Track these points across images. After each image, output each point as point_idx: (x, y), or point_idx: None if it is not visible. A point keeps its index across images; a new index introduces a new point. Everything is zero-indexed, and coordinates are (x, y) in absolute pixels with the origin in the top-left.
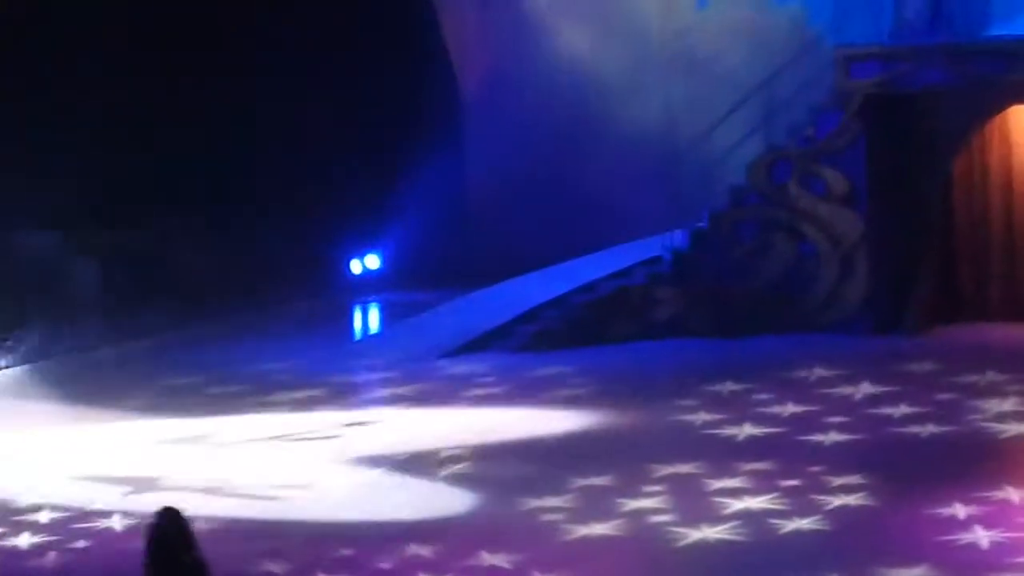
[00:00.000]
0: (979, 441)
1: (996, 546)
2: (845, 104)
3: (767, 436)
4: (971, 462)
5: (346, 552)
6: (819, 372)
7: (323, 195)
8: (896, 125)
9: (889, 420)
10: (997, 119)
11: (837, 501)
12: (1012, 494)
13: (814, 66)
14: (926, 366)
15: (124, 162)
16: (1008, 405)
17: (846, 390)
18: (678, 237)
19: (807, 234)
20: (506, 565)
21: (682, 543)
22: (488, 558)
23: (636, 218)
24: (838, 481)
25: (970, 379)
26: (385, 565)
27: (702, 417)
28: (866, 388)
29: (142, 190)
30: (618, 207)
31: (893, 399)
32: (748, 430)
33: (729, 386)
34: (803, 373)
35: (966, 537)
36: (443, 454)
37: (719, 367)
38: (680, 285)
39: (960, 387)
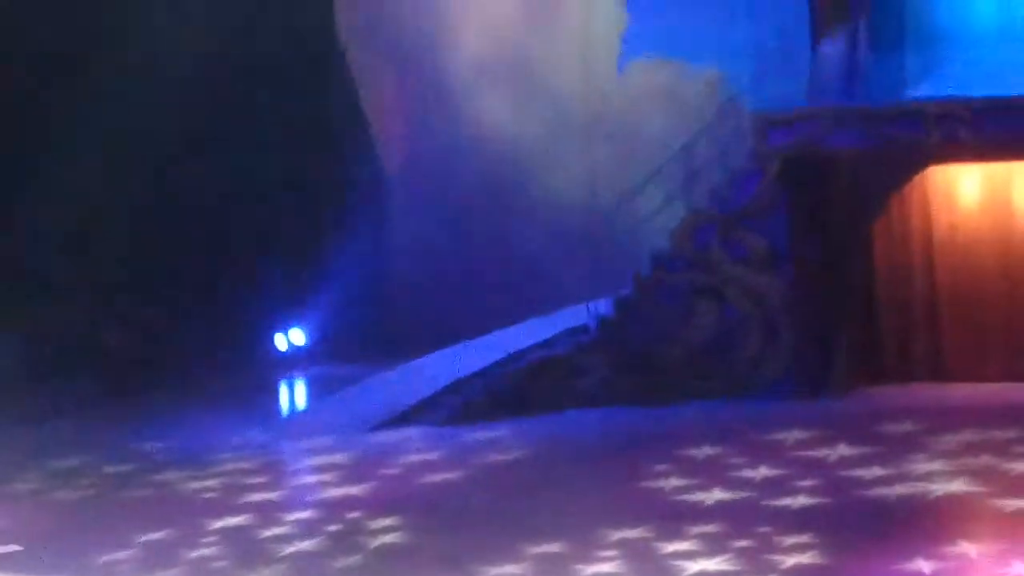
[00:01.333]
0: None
1: None
2: (764, 168)
3: (721, 499)
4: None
5: None
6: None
7: (245, 271)
8: (816, 187)
9: (831, 481)
10: (916, 178)
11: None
12: (968, 549)
13: (733, 129)
14: (855, 427)
15: (45, 237)
16: (937, 464)
17: (784, 452)
18: (603, 304)
19: (731, 298)
20: None
21: None
22: None
23: (561, 286)
24: (790, 541)
25: (896, 437)
26: None
27: (645, 480)
28: (798, 450)
29: (65, 268)
30: (542, 275)
31: (827, 462)
32: (700, 492)
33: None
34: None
35: None
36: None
37: (648, 433)
38: (606, 353)
39: (890, 446)
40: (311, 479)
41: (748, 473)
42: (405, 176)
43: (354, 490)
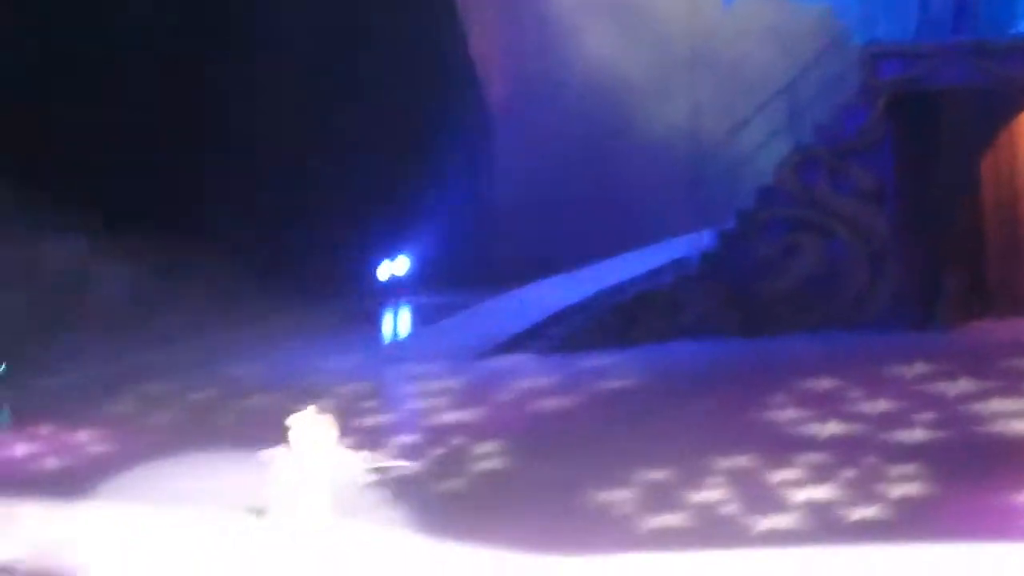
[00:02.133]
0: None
1: None
2: (872, 102)
3: (835, 433)
4: None
5: None
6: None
7: (353, 201)
8: (923, 122)
9: (950, 415)
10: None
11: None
12: None
13: (840, 65)
14: (976, 361)
15: (158, 165)
16: None
17: (904, 386)
18: (706, 238)
19: (836, 232)
20: None
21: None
22: None
23: (664, 219)
24: (899, 471)
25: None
26: None
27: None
28: (918, 384)
29: (176, 195)
30: (645, 209)
31: (948, 396)
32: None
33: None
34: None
35: None
36: None
37: (758, 365)
38: (709, 285)
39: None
40: (417, 404)
41: (865, 407)
42: (511, 112)
43: (461, 415)
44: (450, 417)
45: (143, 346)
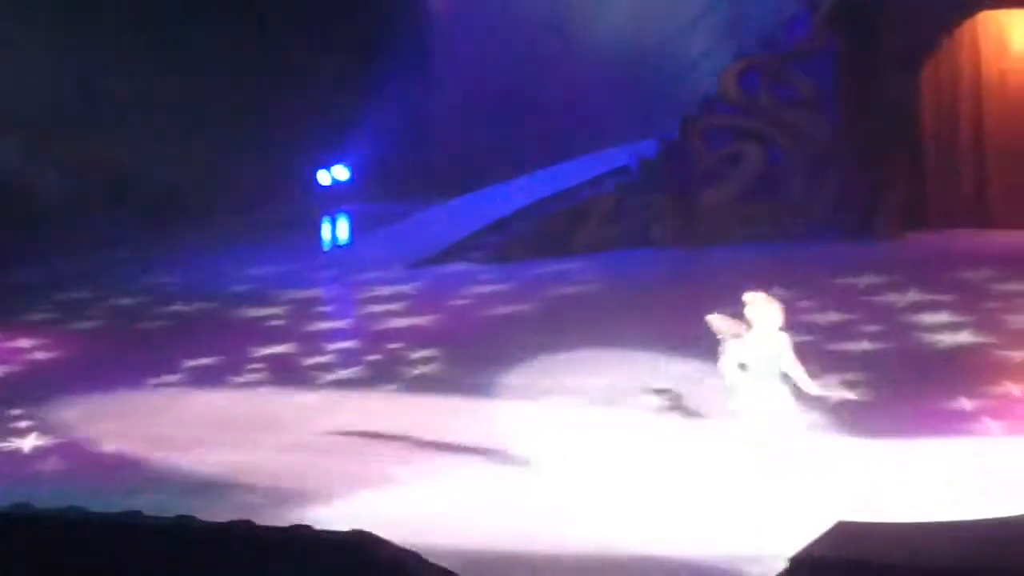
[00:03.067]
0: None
1: None
2: (815, 9)
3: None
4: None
5: None
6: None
7: (291, 108)
8: (865, 29)
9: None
10: (966, 25)
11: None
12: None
13: None
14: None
15: (88, 74)
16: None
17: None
18: (647, 146)
19: (777, 140)
20: None
21: None
22: None
23: (604, 128)
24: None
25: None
26: None
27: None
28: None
29: (109, 100)
30: (587, 117)
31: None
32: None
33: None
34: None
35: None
36: None
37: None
38: (649, 194)
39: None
40: (356, 311)
41: (818, 317)
42: (449, 16)
43: (402, 322)
44: (393, 323)
45: (75, 250)
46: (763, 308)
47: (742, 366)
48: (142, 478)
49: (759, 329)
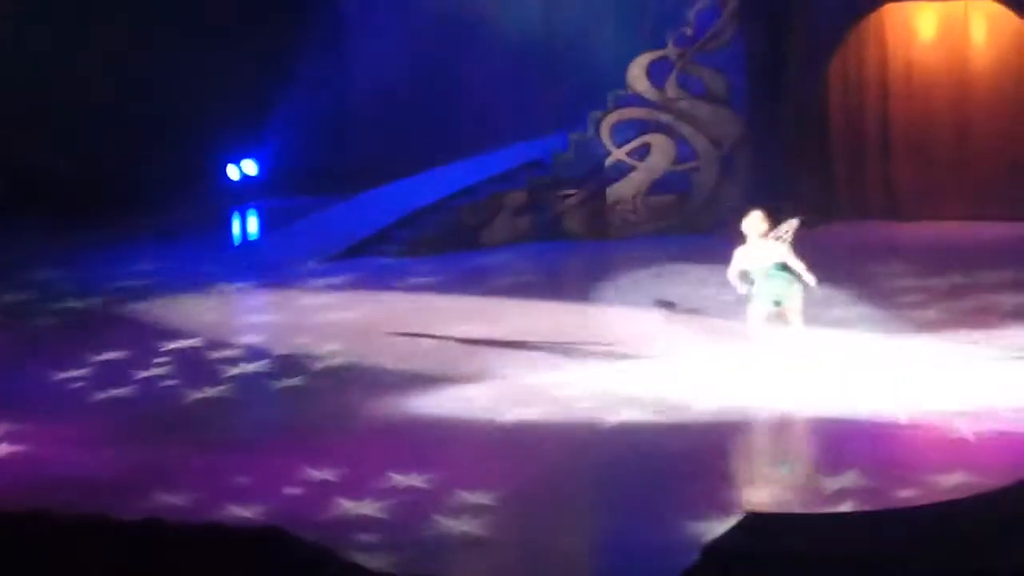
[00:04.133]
0: None
1: None
2: (723, 3)
3: None
4: None
5: None
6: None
7: (200, 99)
8: (773, 23)
9: None
10: (872, 17)
11: None
12: None
13: None
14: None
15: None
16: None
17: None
18: (558, 140)
19: (686, 135)
20: None
21: None
22: None
23: (517, 122)
24: None
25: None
26: None
27: None
28: None
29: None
30: (499, 111)
31: None
32: None
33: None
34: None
35: None
36: None
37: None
38: (559, 188)
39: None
40: (257, 314)
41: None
42: (363, 9)
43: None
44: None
45: None
46: (749, 220)
47: (743, 274)
48: (43, 477)
49: (751, 240)
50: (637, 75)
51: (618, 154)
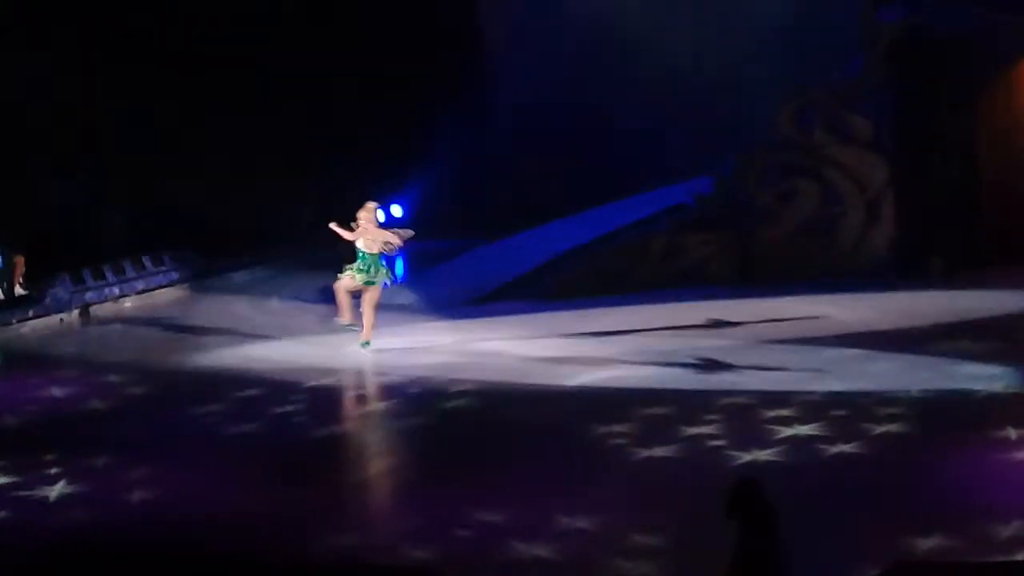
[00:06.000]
0: None
1: None
2: (872, 47)
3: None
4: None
5: None
6: None
7: (347, 147)
8: (922, 68)
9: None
10: (1022, 64)
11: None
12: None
13: (843, 8)
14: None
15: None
16: None
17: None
18: (703, 183)
19: (833, 179)
20: None
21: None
22: None
23: (662, 164)
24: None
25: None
26: None
27: None
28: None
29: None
30: (644, 153)
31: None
32: None
33: None
34: None
35: None
36: None
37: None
38: (704, 231)
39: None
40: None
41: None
42: (507, 53)
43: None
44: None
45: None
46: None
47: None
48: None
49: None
50: (785, 119)
51: (764, 198)
